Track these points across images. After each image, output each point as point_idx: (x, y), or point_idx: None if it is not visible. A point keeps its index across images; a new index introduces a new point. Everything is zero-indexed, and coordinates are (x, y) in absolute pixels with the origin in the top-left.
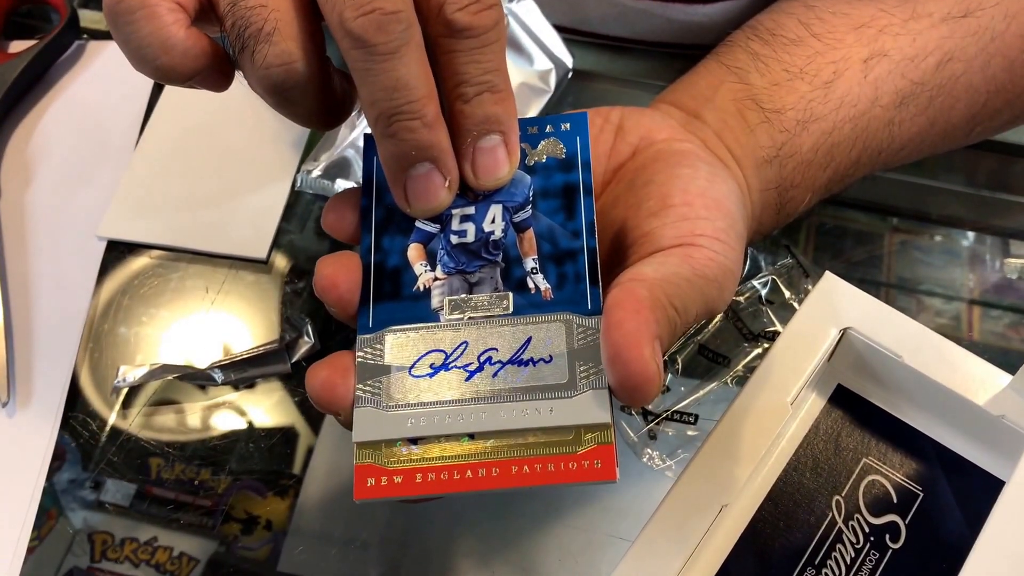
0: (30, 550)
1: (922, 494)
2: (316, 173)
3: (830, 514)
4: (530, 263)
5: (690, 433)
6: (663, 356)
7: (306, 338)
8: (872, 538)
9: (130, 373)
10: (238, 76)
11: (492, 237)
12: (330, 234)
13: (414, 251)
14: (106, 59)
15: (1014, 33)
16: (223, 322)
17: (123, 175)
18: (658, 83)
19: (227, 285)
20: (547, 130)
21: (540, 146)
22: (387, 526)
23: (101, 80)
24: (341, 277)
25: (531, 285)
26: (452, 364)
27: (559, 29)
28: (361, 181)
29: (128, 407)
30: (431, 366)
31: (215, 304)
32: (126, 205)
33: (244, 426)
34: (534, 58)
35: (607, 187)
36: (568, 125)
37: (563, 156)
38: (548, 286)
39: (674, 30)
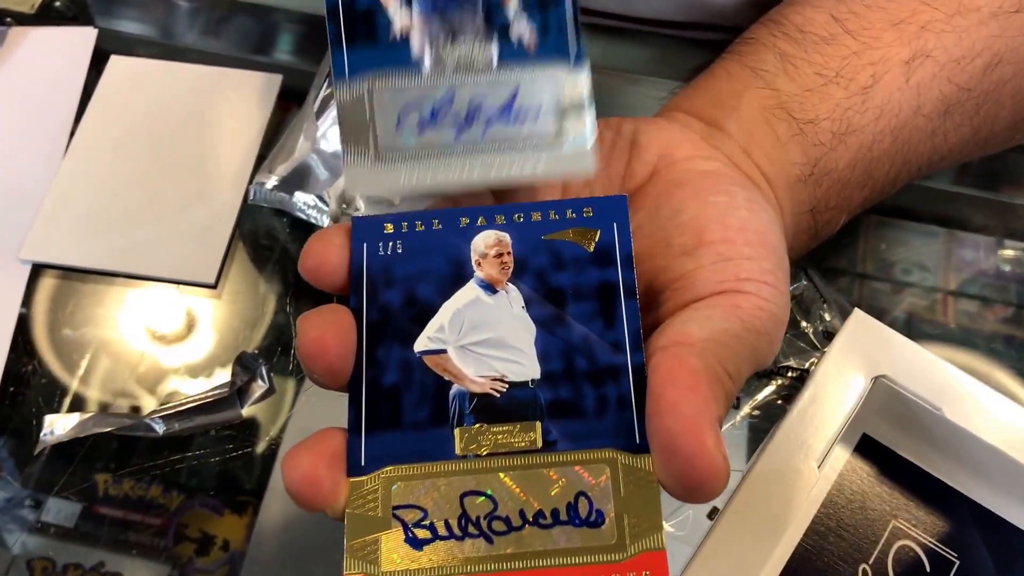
0: None
1: (958, 562)
2: (271, 184)
3: None
4: (513, 6)
5: None
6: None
7: (260, 381)
8: None
9: (58, 423)
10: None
11: None
12: (310, 282)
13: None
14: (32, 48)
15: None
16: (166, 358)
17: (50, 187)
18: (660, 78)
19: (171, 315)
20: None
21: None
22: None
23: (25, 73)
24: (331, 338)
25: (515, 33)
26: (440, 120)
27: None
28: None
29: None
30: (418, 124)
31: (157, 338)
32: (54, 222)
33: (197, 437)
34: None
35: None
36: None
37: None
38: (532, 28)
39: (678, 6)
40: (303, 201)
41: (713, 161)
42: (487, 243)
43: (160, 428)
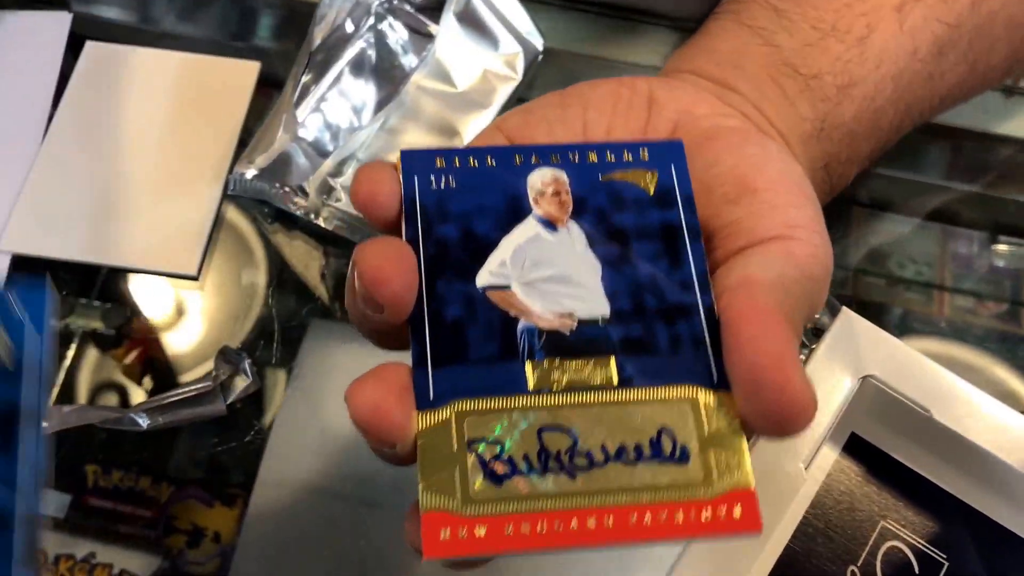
0: None
1: (947, 563)
2: (251, 175)
3: None
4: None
5: None
6: None
7: (244, 375)
8: None
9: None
10: None
11: None
12: (363, 212)
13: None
14: (5, 33)
15: None
16: (149, 351)
17: (27, 177)
18: (647, 65)
19: (152, 307)
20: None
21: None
22: (346, 542)
23: None
24: (392, 268)
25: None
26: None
27: None
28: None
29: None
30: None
31: (138, 331)
32: (32, 213)
33: (186, 427)
34: (500, 40)
35: None
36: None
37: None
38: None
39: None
40: (283, 190)
41: (733, 118)
42: (543, 180)
43: (144, 422)
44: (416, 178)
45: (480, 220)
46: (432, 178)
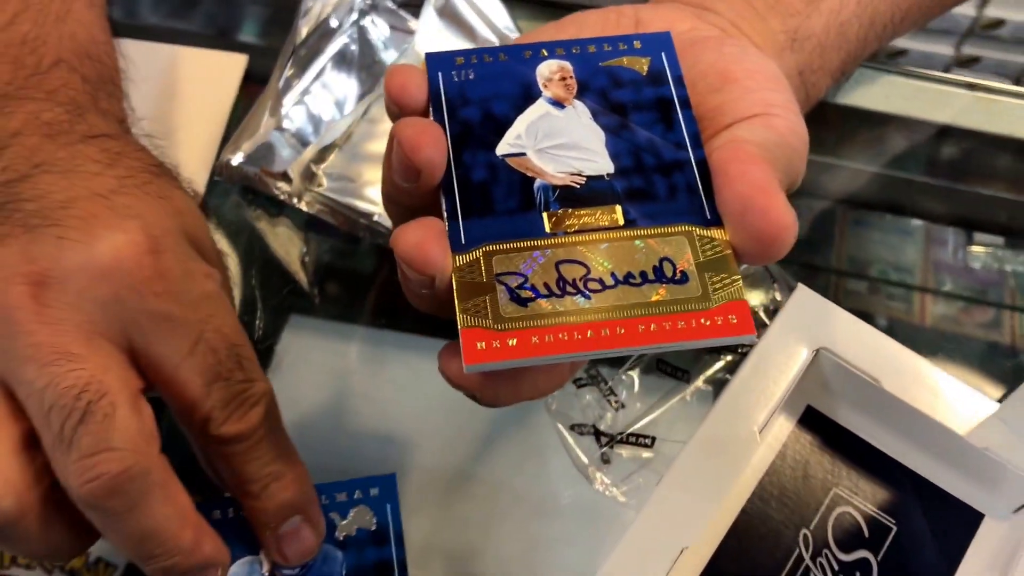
0: None
1: (895, 527)
2: (237, 161)
3: (797, 550)
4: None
5: (645, 455)
6: None
7: None
8: None
9: None
10: None
11: None
12: (395, 102)
13: None
14: None
15: None
16: None
17: None
18: None
19: None
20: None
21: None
22: None
23: None
24: (426, 138)
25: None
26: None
27: None
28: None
29: None
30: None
31: None
32: None
33: (164, 411)
34: (478, 35)
35: None
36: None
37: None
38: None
39: None
40: (268, 177)
41: (715, 29)
42: (551, 69)
43: None
44: (440, 73)
45: (497, 103)
46: (454, 72)
